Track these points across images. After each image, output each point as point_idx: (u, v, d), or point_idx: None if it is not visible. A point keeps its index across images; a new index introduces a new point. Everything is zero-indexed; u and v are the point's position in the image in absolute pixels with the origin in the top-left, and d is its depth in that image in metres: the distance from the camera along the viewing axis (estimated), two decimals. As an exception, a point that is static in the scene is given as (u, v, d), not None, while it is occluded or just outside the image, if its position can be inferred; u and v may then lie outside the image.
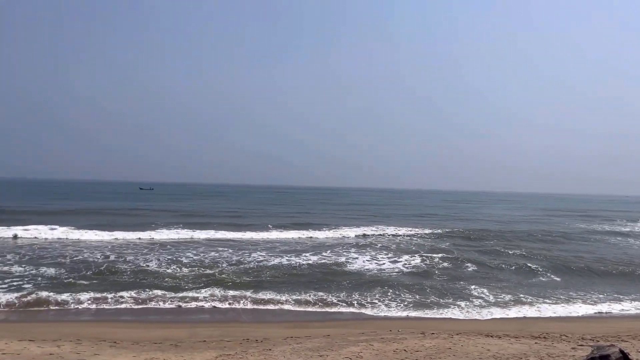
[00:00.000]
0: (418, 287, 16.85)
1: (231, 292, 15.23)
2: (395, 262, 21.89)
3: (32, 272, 16.96)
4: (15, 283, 15.41)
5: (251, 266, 19.55)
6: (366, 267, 20.41)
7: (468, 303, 15.15)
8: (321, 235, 31.06)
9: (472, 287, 17.23)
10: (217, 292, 15.25)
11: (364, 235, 31.86)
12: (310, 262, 21.15)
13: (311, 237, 29.86)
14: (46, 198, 68.52)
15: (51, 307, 13.26)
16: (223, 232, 30.67)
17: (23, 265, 17.97)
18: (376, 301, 15.00)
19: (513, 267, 21.44)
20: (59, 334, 10.69)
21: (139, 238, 26.95)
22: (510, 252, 25.68)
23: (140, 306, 13.83)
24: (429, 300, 15.32)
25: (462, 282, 18.01)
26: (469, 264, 21.69)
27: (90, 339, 10.20)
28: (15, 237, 25.58)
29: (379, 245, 27.36)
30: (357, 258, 22.51)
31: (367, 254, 23.96)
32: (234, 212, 50.58)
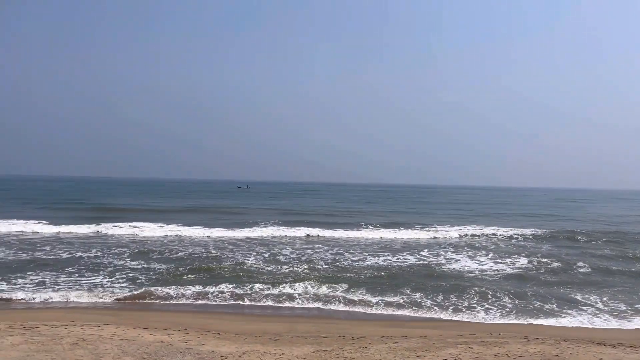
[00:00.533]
0: (520, 291, 16.03)
1: (326, 290, 15.44)
2: (496, 263, 21.03)
3: (144, 266, 18.30)
4: (130, 275, 16.71)
5: (346, 265, 19.68)
6: (465, 268, 19.76)
7: (577, 310, 14.13)
8: (417, 234, 30.54)
9: (581, 293, 16.10)
10: (313, 289, 15.53)
11: (463, 235, 30.90)
12: (407, 262, 20.90)
13: (407, 237, 29.46)
14: (154, 197, 73.62)
15: (160, 299, 14.20)
16: (319, 229, 31.16)
17: (136, 260, 19.43)
18: (475, 305, 14.44)
19: (627, 273, 19.74)
20: (169, 323, 11.44)
21: (240, 235, 28.13)
22: (623, 256, 23.69)
23: (239, 302, 14.41)
24: (531, 306, 14.47)
25: (569, 287, 16.88)
26: (576, 268, 20.30)
27: (196, 329, 10.81)
28: (134, 234, 27.67)
29: (479, 245, 26.43)
30: (455, 259, 21.90)
31: (465, 254, 23.23)
32: (328, 210, 51.23)
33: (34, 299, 13.69)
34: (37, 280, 15.60)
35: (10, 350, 8.09)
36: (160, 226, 30.67)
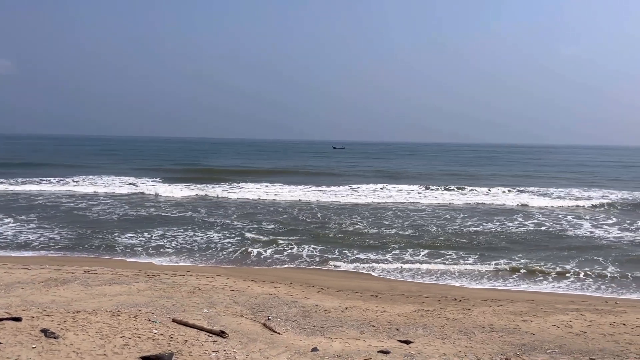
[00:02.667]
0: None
1: (429, 253, 15.28)
2: (624, 230, 19.48)
3: (253, 225, 19.19)
4: (237, 236, 17.64)
5: (455, 229, 19.13)
6: (590, 235, 18.49)
7: None
8: (530, 200, 28.83)
9: None
10: (417, 253, 15.46)
11: (586, 198, 28.86)
12: (524, 226, 20.05)
13: (521, 202, 27.79)
14: (252, 157, 76.20)
15: (267, 257, 14.87)
16: (416, 193, 30.75)
17: (245, 221, 20.43)
18: (590, 273, 13.50)
19: None
20: (275, 277, 12.04)
21: (344, 200, 28.55)
22: None
23: (342, 263, 14.69)
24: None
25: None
26: None
27: (301, 284, 11.29)
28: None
29: (599, 210, 24.67)
30: (578, 224, 20.56)
31: (589, 220, 21.69)
32: (445, 172, 50.33)
33: (152, 251, 15.02)
34: (157, 234, 17.05)
35: (137, 295, 9.01)
36: (265, 185, 32.15)
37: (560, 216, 22.71)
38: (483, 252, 15.45)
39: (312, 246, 15.80)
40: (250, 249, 15.28)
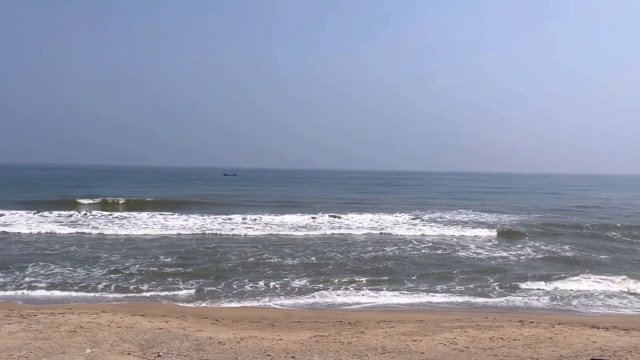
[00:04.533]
0: (519, 274, 16.17)
1: (325, 279, 15.51)
2: (506, 251, 21.15)
3: (144, 259, 18.22)
4: (124, 269, 16.66)
5: (355, 255, 19.55)
6: (475, 256, 19.85)
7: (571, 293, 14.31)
8: (423, 227, 30.45)
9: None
10: (315, 280, 15.61)
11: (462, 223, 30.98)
12: (417, 250, 21.00)
13: (412, 230, 29.28)
14: (149, 185, 72.63)
15: (158, 290, 14.17)
16: (309, 219, 31.17)
17: (133, 254, 19.34)
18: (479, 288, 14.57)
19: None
20: (166, 310, 11.52)
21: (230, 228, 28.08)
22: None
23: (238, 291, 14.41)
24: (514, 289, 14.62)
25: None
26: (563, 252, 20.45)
27: (194, 316, 10.89)
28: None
29: (486, 238, 26.61)
30: (465, 247, 22.00)
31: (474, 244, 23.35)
32: (340, 198, 51.09)
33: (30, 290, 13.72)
34: (30, 271, 15.61)
35: (8, 338, 8.15)
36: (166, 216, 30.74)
37: (446, 241, 24.18)
38: (375, 276, 15.96)
39: (209, 278, 15.32)
40: (140, 284, 14.49)
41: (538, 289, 14.69)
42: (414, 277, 15.82)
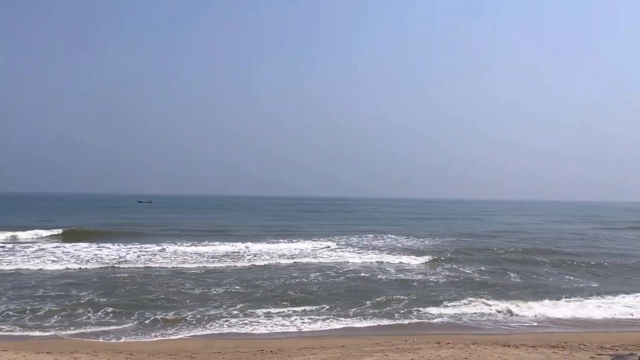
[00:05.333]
0: (436, 296, 16.73)
1: (249, 306, 15.26)
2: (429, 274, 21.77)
3: (57, 293, 17.01)
4: (33, 304, 15.51)
5: (280, 282, 19.37)
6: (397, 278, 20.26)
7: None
8: (346, 254, 30.75)
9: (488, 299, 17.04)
10: (231, 309, 15.29)
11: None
12: (340, 275, 21.10)
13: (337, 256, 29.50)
14: (57, 214, 68.36)
15: (67, 325, 13.30)
16: (241, 245, 30.68)
17: (49, 289, 18.00)
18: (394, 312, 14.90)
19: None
20: (77, 346, 10.78)
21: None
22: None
23: (156, 324, 13.82)
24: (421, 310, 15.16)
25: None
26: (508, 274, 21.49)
27: (106, 351, 10.29)
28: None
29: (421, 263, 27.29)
30: (386, 271, 22.41)
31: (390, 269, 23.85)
32: (265, 227, 50.39)
33: None
34: None
35: None
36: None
37: (370, 266, 24.61)
38: (296, 304, 15.88)
39: (123, 310, 14.54)
40: (44, 319, 13.49)
41: (453, 312, 15.30)
42: (334, 303, 15.94)
